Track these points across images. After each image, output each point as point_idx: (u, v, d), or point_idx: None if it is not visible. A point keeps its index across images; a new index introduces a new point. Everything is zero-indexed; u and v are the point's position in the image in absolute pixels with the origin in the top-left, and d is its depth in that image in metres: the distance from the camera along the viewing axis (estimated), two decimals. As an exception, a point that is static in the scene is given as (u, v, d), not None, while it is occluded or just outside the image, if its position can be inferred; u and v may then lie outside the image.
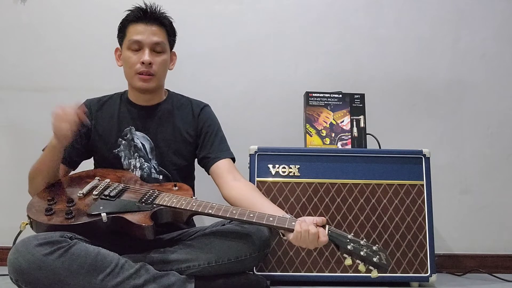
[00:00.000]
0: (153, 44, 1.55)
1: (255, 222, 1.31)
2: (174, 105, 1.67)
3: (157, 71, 1.56)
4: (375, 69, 2.26)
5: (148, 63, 1.54)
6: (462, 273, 2.07)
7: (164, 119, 1.63)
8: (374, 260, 1.21)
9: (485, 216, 2.20)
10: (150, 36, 1.55)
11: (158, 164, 1.60)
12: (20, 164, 2.13)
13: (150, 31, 1.56)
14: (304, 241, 1.26)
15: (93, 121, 1.62)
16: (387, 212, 1.76)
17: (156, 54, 1.56)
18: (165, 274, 1.33)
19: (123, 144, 1.60)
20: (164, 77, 1.64)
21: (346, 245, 1.23)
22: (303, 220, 1.28)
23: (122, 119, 1.62)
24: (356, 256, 1.23)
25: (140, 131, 1.61)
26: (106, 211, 1.32)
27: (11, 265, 1.22)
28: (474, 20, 2.28)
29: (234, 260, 1.37)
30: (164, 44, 1.58)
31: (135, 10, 1.58)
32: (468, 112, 2.26)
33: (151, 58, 1.54)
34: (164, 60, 1.59)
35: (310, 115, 1.92)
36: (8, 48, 2.22)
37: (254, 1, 2.27)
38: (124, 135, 1.60)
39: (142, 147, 1.60)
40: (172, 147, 1.61)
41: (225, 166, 1.58)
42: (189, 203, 1.35)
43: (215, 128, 1.66)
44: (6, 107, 2.20)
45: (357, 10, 2.28)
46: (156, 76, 1.57)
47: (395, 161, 1.79)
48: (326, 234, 1.26)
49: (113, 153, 1.59)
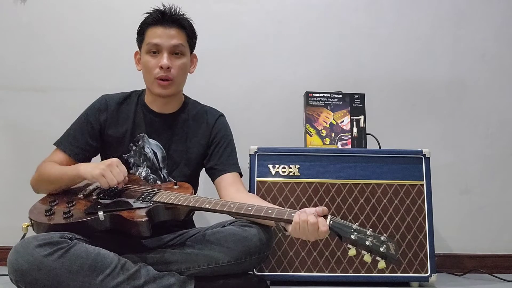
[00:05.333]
0: (172, 47, 1.52)
1: (254, 215, 1.29)
2: (190, 114, 1.65)
3: (176, 75, 1.54)
4: (375, 69, 2.26)
5: (167, 68, 1.51)
6: (462, 273, 2.07)
7: (178, 130, 1.62)
8: (381, 250, 1.15)
9: (485, 216, 2.20)
10: (168, 39, 1.52)
11: (168, 174, 1.59)
12: (20, 164, 2.16)
13: (168, 34, 1.52)
14: (304, 232, 1.22)
15: (109, 119, 1.60)
16: (387, 212, 1.76)
17: (175, 58, 1.53)
18: (165, 275, 1.33)
19: (134, 150, 1.59)
20: (184, 81, 1.61)
21: (350, 235, 1.18)
22: (303, 211, 1.25)
23: (136, 124, 1.60)
24: (361, 246, 1.17)
25: (154, 138, 1.59)
26: (103, 209, 1.32)
27: (11, 265, 1.22)
28: (474, 20, 2.28)
29: (234, 262, 1.36)
30: (183, 46, 1.55)
31: (154, 13, 1.55)
32: (468, 112, 2.26)
33: (169, 62, 1.51)
34: (184, 63, 1.55)
35: (310, 115, 1.92)
36: (8, 48, 2.22)
37: (254, 1, 2.27)
38: (136, 141, 1.59)
39: (154, 155, 1.58)
40: (184, 158, 1.60)
41: (229, 179, 1.57)
42: (186, 199, 1.34)
43: (227, 140, 1.64)
44: (6, 107, 2.20)
45: (357, 10, 2.28)
46: (175, 80, 1.54)
47: (395, 161, 1.79)
48: (326, 224, 1.21)
49: (123, 158, 1.57)
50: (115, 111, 1.61)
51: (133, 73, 1.70)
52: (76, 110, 1.64)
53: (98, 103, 1.63)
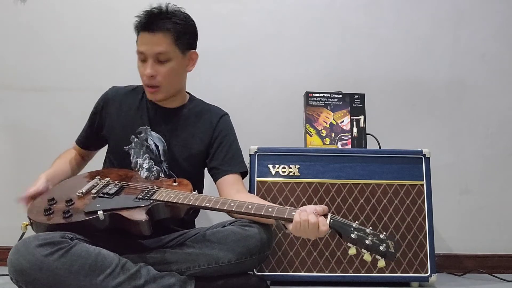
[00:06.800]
0: (156, 55, 1.49)
1: (254, 214, 1.29)
2: (193, 111, 1.64)
3: (162, 81, 1.52)
4: (375, 69, 2.26)
5: (150, 76, 1.50)
6: (462, 273, 2.07)
7: (180, 125, 1.61)
8: (381, 248, 1.16)
9: (485, 216, 2.20)
10: (153, 47, 1.48)
11: (168, 168, 1.59)
12: (20, 164, 2.16)
13: (152, 41, 1.48)
14: (304, 231, 1.23)
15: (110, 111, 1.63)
16: (387, 212, 1.76)
17: (160, 65, 1.50)
18: (166, 275, 1.33)
19: (135, 142, 1.59)
20: (176, 83, 1.58)
21: (350, 233, 1.19)
22: (304, 210, 1.26)
23: (139, 116, 1.61)
24: (361, 245, 1.18)
25: (156, 131, 1.60)
26: (102, 208, 1.32)
27: (11, 265, 1.22)
28: (474, 20, 2.28)
29: (234, 262, 1.36)
30: (168, 52, 1.50)
31: (141, 17, 1.52)
32: (468, 112, 2.26)
33: (154, 70, 1.49)
34: (170, 69, 1.51)
35: (310, 115, 1.92)
36: (8, 48, 2.22)
37: (254, 1, 2.27)
38: (138, 133, 1.59)
39: (156, 148, 1.59)
40: (184, 154, 1.60)
41: (230, 180, 1.57)
42: (187, 197, 1.34)
43: (230, 139, 1.63)
44: (6, 107, 2.20)
45: (357, 10, 2.28)
46: (162, 87, 1.53)
47: (395, 161, 1.79)
48: (326, 223, 1.22)
49: (123, 149, 1.59)
50: (120, 103, 1.64)
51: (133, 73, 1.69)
52: (75, 110, 1.65)
53: (104, 95, 1.68)
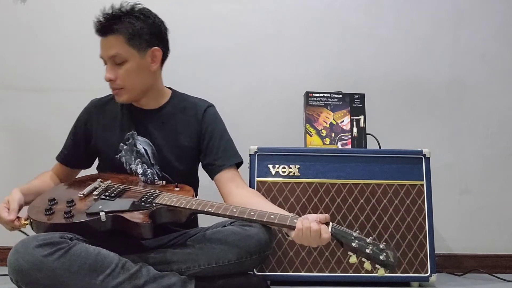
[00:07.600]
0: (111, 58, 1.47)
1: (256, 220, 1.30)
2: (177, 107, 1.62)
3: (123, 83, 1.49)
4: (375, 69, 2.26)
5: (109, 80, 1.49)
6: (462, 273, 2.07)
7: (166, 124, 1.59)
8: (381, 258, 1.19)
9: (485, 216, 2.20)
10: (107, 50, 1.47)
11: (160, 170, 1.57)
12: (20, 164, 2.16)
13: (106, 44, 1.47)
14: (306, 238, 1.25)
15: (95, 124, 1.60)
16: (387, 212, 1.76)
17: (117, 67, 1.47)
18: (166, 275, 1.33)
19: (125, 149, 1.57)
20: (140, 84, 1.52)
21: (351, 242, 1.21)
22: (305, 218, 1.27)
23: (124, 123, 1.59)
24: (361, 254, 1.20)
25: (142, 135, 1.57)
26: (104, 210, 1.31)
27: (11, 266, 1.22)
28: (474, 20, 2.28)
29: (234, 261, 1.36)
30: (121, 54, 1.46)
31: (95, 21, 1.49)
32: (468, 112, 2.26)
33: (113, 73, 1.48)
34: (128, 70, 1.47)
35: (310, 115, 1.92)
36: (8, 48, 2.22)
37: (254, 1, 2.27)
38: (126, 139, 1.57)
39: (145, 152, 1.57)
40: (174, 153, 1.58)
41: (228, 176, 1.55)
42: (189, 202, 1.34)
43: (220, 131, 1.61)
44: (6, 107, 2.20)
45: (357, 10, 2.28)
46: (124, 88, 1.50)
47: (395, 161, 1.79)
48: (328, 232, 1.24)
49: (116, 158, 1.57)
50: (101, 114, 1.61)
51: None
52: (75, 110, 1.64)
53: (85, 109, 1.65)
